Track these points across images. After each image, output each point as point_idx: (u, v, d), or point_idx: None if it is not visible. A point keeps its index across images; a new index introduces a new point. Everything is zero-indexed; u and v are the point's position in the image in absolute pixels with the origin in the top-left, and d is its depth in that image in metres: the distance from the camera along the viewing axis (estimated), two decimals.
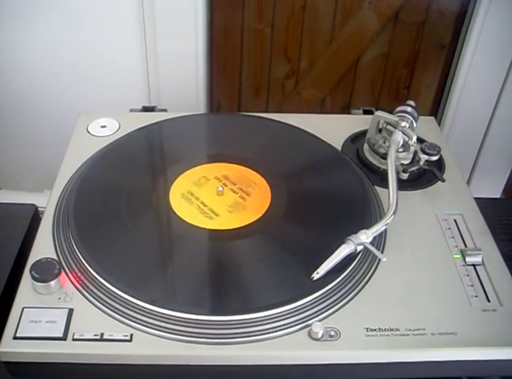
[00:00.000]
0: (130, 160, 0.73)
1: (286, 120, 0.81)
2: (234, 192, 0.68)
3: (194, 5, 1.01)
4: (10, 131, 1.17)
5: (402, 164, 0.72)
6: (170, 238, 0.64)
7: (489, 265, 0.62)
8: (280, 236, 0.63)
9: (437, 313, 0.56)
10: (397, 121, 0.72)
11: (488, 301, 0.58)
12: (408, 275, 0.60)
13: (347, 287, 0.58)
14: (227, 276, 0.59)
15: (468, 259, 0.62)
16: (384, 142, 0.74)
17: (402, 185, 0.70)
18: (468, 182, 1.18)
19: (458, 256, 0.63)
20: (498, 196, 1.21)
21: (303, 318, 0.55)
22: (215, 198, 0.67)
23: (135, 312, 0.55)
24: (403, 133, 0.71)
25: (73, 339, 0.52)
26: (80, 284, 0.57)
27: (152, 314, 0.54)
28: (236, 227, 0.64)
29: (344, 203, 0.68)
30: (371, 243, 0.59)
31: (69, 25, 1.04)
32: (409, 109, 0.74)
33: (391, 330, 0.55)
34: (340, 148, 0.77)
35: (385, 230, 0.63)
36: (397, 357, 0.54)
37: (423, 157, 0.71)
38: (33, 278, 0.56)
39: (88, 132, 0.78)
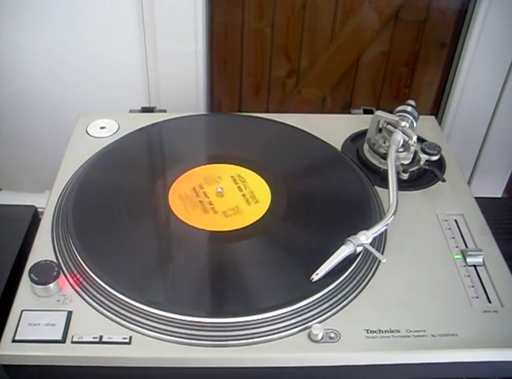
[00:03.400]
0: (129, 161, 0.72)
1: (285, 120, 0.80)
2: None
3: (194, 5, 1.00)
4: (10, 132, 1.17)
5: (402, 164, 0.71)
6: (169, 240, 0.63)
7: (490, 266, 0.61)
8: (280, 237, 0.63)
9: (437, 315, 0.56)
10: (397, 120, 0.71)
11: (489, 302, 0.58)
12: (409, 276, 0.60)
13: (347, 289, 0.57)
14: (226, 278, 0.58)
15: (468, 259, 0.62)
16: (384, 142, 0.74)
17: (402, 185, 0.69)
18: (469, 182, 1.17)
19: (459, 256, 0.62)
20: (499, 195, 1.21)
21: (302, 320, 0.54)
22: (215, 199, 0.67)
23: (134, 314, 0.54)
24: (403, 132, 0.70)
25: (72, 342, 0.52)
26: (79, 286, 0.57)
27: (151, 316, 0.54)
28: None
29: (344, 203, 0.68)
30: (371, 244, 0.59)
31: (69, 25, 1.04)
32: (409, 108, 0.74)
33: (391, 331, 0.54)
34: (340, 148, 0.77)
35: (386, 230, 0.63)
36: (397, 358, 0.54)
37: (424, 157, 0.71)
38: (32, 280, 0.56)
39: (88, 133, 0.78)
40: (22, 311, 0.54)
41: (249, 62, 1.15)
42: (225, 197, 0.68)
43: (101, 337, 0.53)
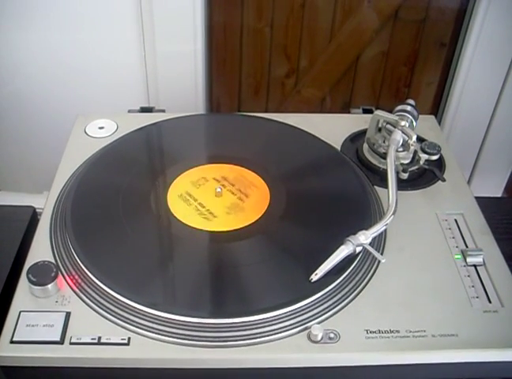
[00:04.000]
0: (128, 162, 0.72)
1: (285, 120, 0.80)
2: (232, 193, 0.68)
3: (193, 5, 1.00)
4: (8, 132, 1.17)
5: (402, 164, 0.71)
6: (168, 240, 0.63)
7: (490, 266, 0.61)
8: (279, 237, 0.63)
9: (437, 315, 0.56)
10: (397, 120, 0.71)
11: (489, 302, 0.58)
12: (408, 276, 0.59)
13: (346, 289, 0.57)
14: (225, 279, 0.58)
15: (469, 259, 0.61)
16: (384, 141, 0.73)
17: (402, 184, 0.69)
18: (468, 182, 1.17)
19: (459, 256, 0.62)
20: (499, 195, 1.21)
21: (302, 320, 0.54)
22: (213, 199, 0.67)
23: (133, 315, 0.54)
24: (402, 132, 0.70)
25: (71, 343, 0.52)
26: (77, 287, 0.57)
27: (149, 317, 0.54)
28: (234, 228, 0.63)
29: (344, 203, 0.67)
30: (371, 244, 0.59)
31: (67, 26, 1.03)
32: (409, 108, 0.73)
33: (391, 332, 0.54)
34: (339, 148, 0.77)
35: (385, 230, 0.63)
36: (397, 359, 0.53)
37: (423, 156, 0.71)
38: (30, 281, 0.55)
39: (86, 133, 0.78)
40: (20, 312, 0.54)
41: (248, 62, 1.15)
42: (224, 197, 0.67)
43: (99, 338, 0.52)
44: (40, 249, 0.61)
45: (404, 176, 0.71)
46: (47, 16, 1.02)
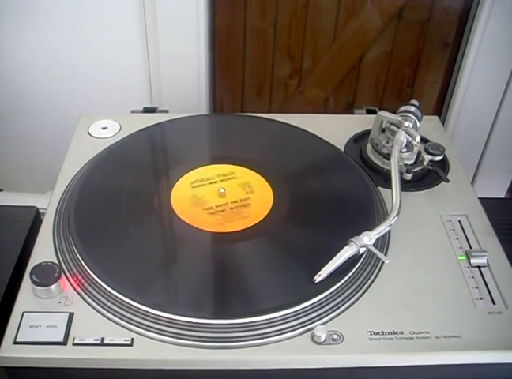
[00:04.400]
0: (131, 162, 0.72)
1: (288, 120, 0.80)
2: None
3: (196, 6, 1.00)
4: (12, 132, 1.17)
5: (406, 165, 0.71)
6: (171, 241, 0.63)
7: (494, 267, 0.61)
8: (283, 238, 0.63)
9: (441, 316, 0.56)
10: (401, 121, 0.71)
11: (493, 303, 0.57)
12: (412, 277, 0.59)
13: (350, 290, 0.57)
14: (228, 279, 0.58)
15: (472, 260, 0.61)
16: (387, 142, 0.73)
17: (406, 185, 0.69)
18: (472, 182, 1.17)
19: (463, 257, 0.62)
20: (503, 196, 1.21)
21: (305, 322, 0.54)
22: (217, 200, 0.67)
23: (136, 316, 0.54)
24: (406, 133, 0.70)
25: (74, 344, 0.52)
26: (80, 288, 0.57)
27: (153, 318, 0.54)
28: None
29: (347, 204, 0.67)
30: (374, 245, 0.59)
31: (71, 26, 1.04)
32: (413, 108, 0.73)
33: (395, 333, 0.54)
34: (342, 149, 0.77)
35: (389, 231, 0.62)
36: (400, 360, 0.53)
37: (427, 157, 0.71)
38: (33, 282, 0.55)
39: (89, 134, 0.78)
40: (23, 313, 0.54)
41: (251, 63, 1.15)
42: (227, 198, 0.67)
43: (103, 339, 0.52)
44: (43, 250, 0.61)
45: (408, 177, 0.70)
46: (49, 16, 1.03)
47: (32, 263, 0.58)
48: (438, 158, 0.71)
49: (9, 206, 0.75)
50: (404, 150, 0.71)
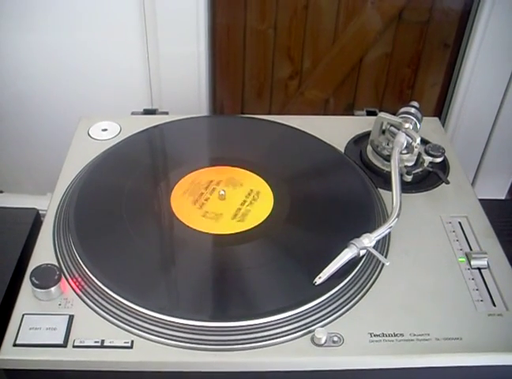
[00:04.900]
0: (131, 164, 0.72)
1: (288, 122, 0.80)
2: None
3: (196, 7, 1.00)
4: (12, 134, 1.17)
5: (406, 166, 0.71)
6: (171, 243, 0.63)
7: (495, 269, 0.61)
8: (282, 240, 0.63)
9: (442, 318, 0.56)
10: (401, 122, 0.71)
11: (494, 305, 0.57)
12: (412, 279, 0.59)
13: (350, 292, 0.57)
14: (228, 282, 0.58)
15: (473, 262, 0.61)
16: (387, 144, 0.73)
17: (406, 187, 0.69)
18: (472, 184, 1.17)
19: (463, 259, 0.62)
20: (503, 197, 1.21)
21: (305, 324, 0.54)
22: (217, 202, 0.67)
23: (136, 318, 0.54)
24: (406, 134, 0.70)
25: (74, 346, 0.52)
26: (80, 290, 0.57)
27: (153, 320, 0.54)
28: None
29: (347, 206, 0.67)
30: (375, 247, 0.59)
31: (70, 27, 1.04)
32: (413, 110, 0.73)
33: (395, 335, 0.54)
34: (343, 150, 0.77)
35: (389, 233, 0.62)
36: (401, 363, 0.53)
37: (427, 159, 0.71)
38: (33, 284, 0.55)
39: (89, 135, 0.78)
40: (23, 315, 0.54)
41: (251, 64, 1.15)
42: (227, 200, 0.67)
43: (103, 341, 0.52)
44: (43, 252, 0.60)
45: (408, 178, 0.70)
46: (49, 18, 1.03)
47: (32, 265, 0.58)
48: (439, 159, 0.71)
49: (10, 208, 0.75)
50: (405, 152, 0.71)
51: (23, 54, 1.07)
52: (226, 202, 0.67)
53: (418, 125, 0.73)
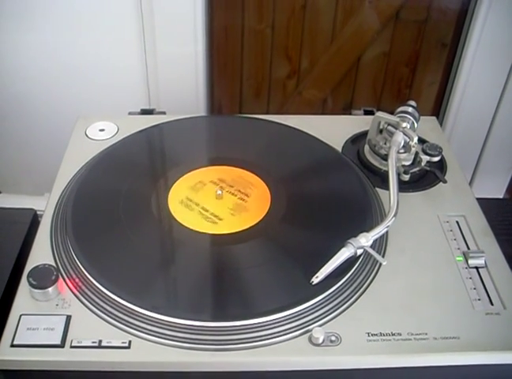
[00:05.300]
0: (129, 164, 0.72)
1: (285, 121, 0.80)
2: (233, 194, 0.68)
3: (193, 6, 1.00)
4: (9, 134, 1.17)
5: (403, 165, 0.71)
6: (168, 243, 0.63)
7: (492, 268, 0.61)
8: (280, 240, 0.63)
9: (439, 317, 0.56)
10: (398, 121, 0.71)
11: (492, 304, 0.57)
12: (410, 278, 0.59)
13: (347, 292, 0.57)
14: (226, 281, 0.58)
15: (470, 261, 0.61)
16: (385, 143, 0.73)
17: (403, 186, 0.69)
18: (470, 183, 1.17)
19: (461, 258, 0.62)
20: (501, 196, 1.21)
21: (303, 323, 0.54)
22: (214, 202, 0.67)
23: (134, 318, 0.54)
24: (404, 133, 0.70)
25: (71, 347, 0.52)
26: (78, 291, 0.56)
27: (150, 321, 0.54)
28: (235, 231, 0.63)
29: (345, 205, 0.67)
30: (372, 246, 0.59)
31: (68, 27, 1.03)
32: (410, 109, 0.73)
33: (393, 335, 0.54)
34: (340, 150, 0.77)
35: (387, 232, 0.62)
36: (399, 362, 0.53)
37: (425, 158, 0.71)
38: (30, 284, 0.55)
39: (87, 135, 0.78)
40: (21, 315, 0.54)
41: (249, 64, 1.15)
42: (224, 200, 0.67)
43: (100, 341, 0.52)
44: (41, 252, 0.60)
45: (406, 178, 0.70)
46: (47, 17, 1.02)
47: (30, 265, 0.58)
48: (436, 159, 0.71)
49: (7, 208, 0.75)
50: (402, 151, 0.71)
51: (21, 55, 1.07)
52: (223, 202, 0.67)
53: (415, 125, 0.73)
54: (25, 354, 0.52)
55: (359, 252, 0.58)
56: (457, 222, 0.67)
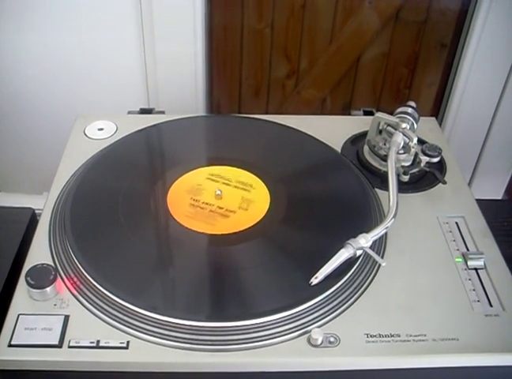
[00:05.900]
0: (128, 164, 0.72)
1: (285, 122, 0.80)
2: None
3: (193, 6, 1.00)
4: (8, 133, 1.17)
5: (403, 166, 0.71)
6: (167, 243, 0.63)
7: (491, 269, 0.61)
8: (279, 240, 0.63)
9: (438, 319, 0.55)
10: (398, 122, 0.71)
11: (491, 305, 0.57)
12: (409, 279, 0.59)
13: (346, 293, 0.57)
14: (225, 282, 0.58)
15: (469, 263, 0.61)
16: (384, 144, 0.73)
17: (403, 187, 0.69)
18: (469, 184, 1.17)
19: (460, 259, 0.62)
20: (500, 197, 1.21)
21: (302, 324, 0.54)
22: (214, 202, 0.67)
23: (132, 318, 0.54)
24: (403, 134, 0.70)
25: (69, 347, 0.52)
26: (76, 290, 0.56)
27: (149, 321, 0.54)
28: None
29: (344, 206, 0.67)
30: (371, 247, 0.59)
31: (67, 27, 1.03)
32: (410, 110, 0.73)
33: (392, 336, 0.54)
34: (339, 150, 0.76)
35: (386, 233, 0.62)
36: (397, 363, 0.53)
37: (424, 159, 0.71)
38: (28, 284, 0.55)
39: (85, 134, 0.77)
40: (19, 315, 0.54)
41: (248, 63, 1.15)
42: (224, 200, 0.67)
43: (98, 342, 0.52)
44: (39, 252, 0.60)
45: (405, 178, 0.70)
46: (46, 17, 1.02)
47: (28, 265, 0.58)
48: (436, 159, 0.71)
49: (5, 207, 0.75)
50: (401, 151, 0.71)
51: (20, 54, 1.06)
52: (222, 202, 0.67)
53: (415, 125, 0.73)
54: (23, 354, 0.51)
55: (359, 253, 0.58)
56: (457, 223, 0.67)
